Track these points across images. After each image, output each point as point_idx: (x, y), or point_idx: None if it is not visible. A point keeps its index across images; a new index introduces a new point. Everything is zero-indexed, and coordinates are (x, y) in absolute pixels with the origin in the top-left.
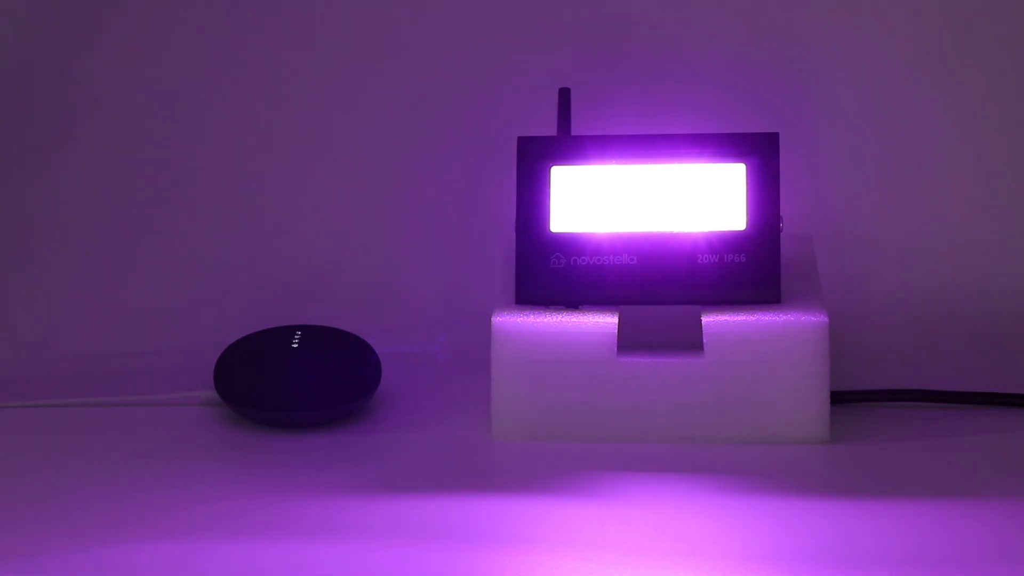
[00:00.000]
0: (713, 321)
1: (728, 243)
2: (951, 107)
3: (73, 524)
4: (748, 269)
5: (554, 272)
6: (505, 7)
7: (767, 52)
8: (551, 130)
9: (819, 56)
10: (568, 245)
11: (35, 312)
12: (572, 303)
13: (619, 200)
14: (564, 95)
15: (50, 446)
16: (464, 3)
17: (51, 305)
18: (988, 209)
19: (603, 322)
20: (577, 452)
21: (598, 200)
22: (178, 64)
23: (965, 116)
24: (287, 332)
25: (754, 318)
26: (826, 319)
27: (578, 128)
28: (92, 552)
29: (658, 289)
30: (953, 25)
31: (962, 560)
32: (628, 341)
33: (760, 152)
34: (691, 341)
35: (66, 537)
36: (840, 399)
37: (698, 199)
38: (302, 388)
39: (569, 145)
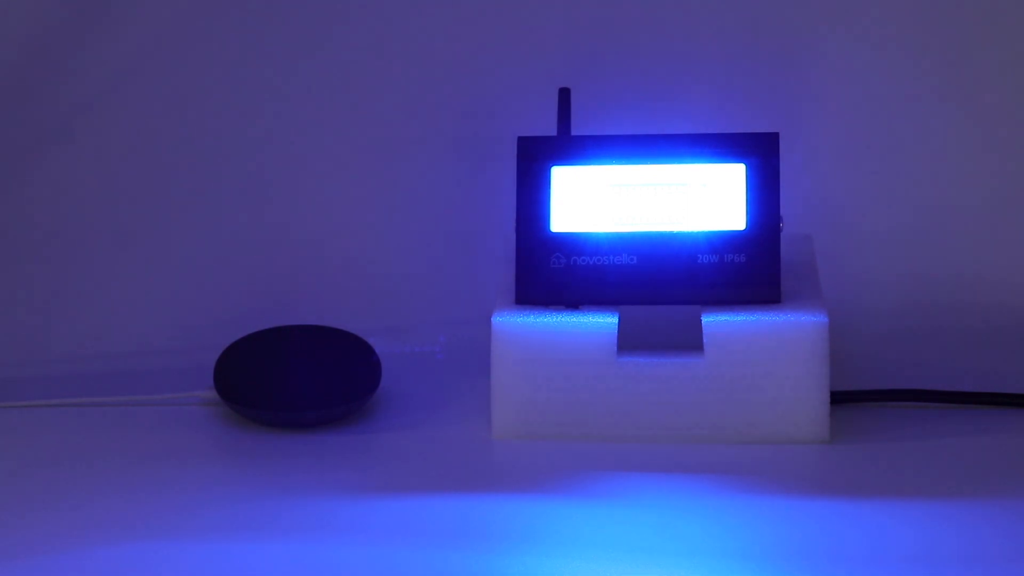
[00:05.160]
0: (713, 321)
1: (728, 243)
2: (951, 107)
3: (73, 524)
4: (748, 269)
5: (554, 272)
6: (505, 7)
7: (766, 52)
8: (551, 130)
9: (818, 56)
10: (568, 245)
11: (35, 312)
12: (572, 303)
13: (619, 200)
14: (564, 95)
15: (50, 446)
16: (464, 3)
17: (51, 305)
18: (988, 209)
19: (603, 322)
20: (577, 452)
21: (598, 200)
22: (178, 63)
23: (965, 115)
24: (287, 332)
25: (754, 318)
26: (826, 319)
27: (578, 128)
28: (92, 552)
29: (658, 289)
30: (952, 23)
31: (962, 560)
32: (628, 341)
33: (760, 152)
34: (691, 341)
35: (66, 537)
36: (840, 399)
37: (698, 199)
38: (302, 388)
39: (569, 145)
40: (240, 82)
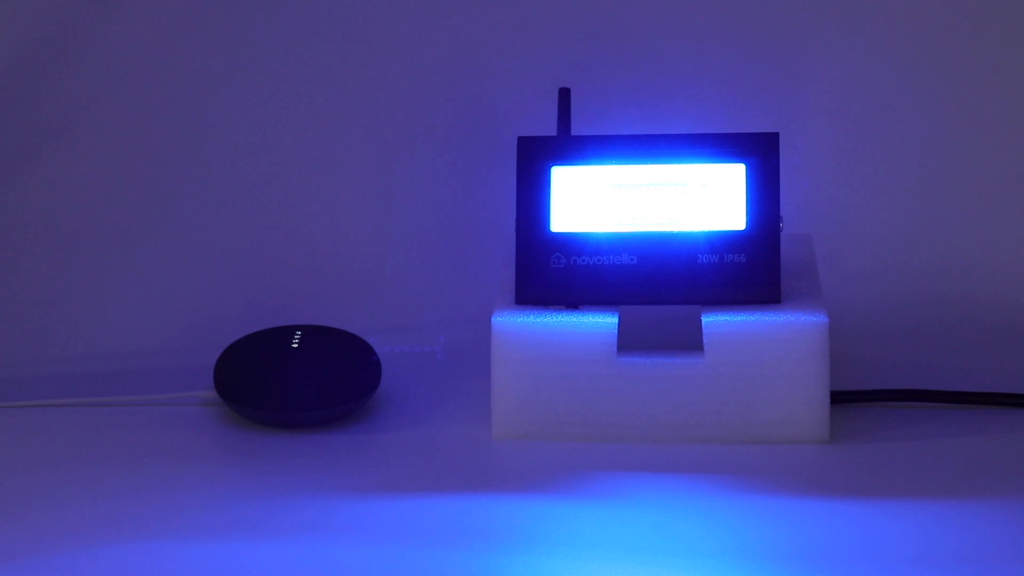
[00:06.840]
0: (713, 321)
1: (728, 243)
2: (951, 107)
3: (73, 524)
4: (748, 269)
5: (554, 272)
6: (505, 7)
7: (766, 52)
8: (551, 130)
9: (818, 56)
10: (568, 245)
11: (35, 312)
12: (572, 303)
13: (619, 200)
14: (564, 95)
15: (50, 446)
16: (464, 3)
17: (51, 305)
18: (987, 208)
19: (603, 322)
20: (577, 452)
21: (598, 200)
22: (178, 62)
23: (964, 115)
24: (287, 332)
25: (754, 318)
26: (826, 319)
27: (578, 128)
28: (92, 552)
29: (658, 289)
30: (952, 23)
31: (962, 560)
32: (628, 341)
33: (760, 152)
34: (691, 341)
35: (66, 537)
36: (840, 399)
37: (698, 199)
38: (302, 388)
39: (569, 145)
40: (240, 82)
